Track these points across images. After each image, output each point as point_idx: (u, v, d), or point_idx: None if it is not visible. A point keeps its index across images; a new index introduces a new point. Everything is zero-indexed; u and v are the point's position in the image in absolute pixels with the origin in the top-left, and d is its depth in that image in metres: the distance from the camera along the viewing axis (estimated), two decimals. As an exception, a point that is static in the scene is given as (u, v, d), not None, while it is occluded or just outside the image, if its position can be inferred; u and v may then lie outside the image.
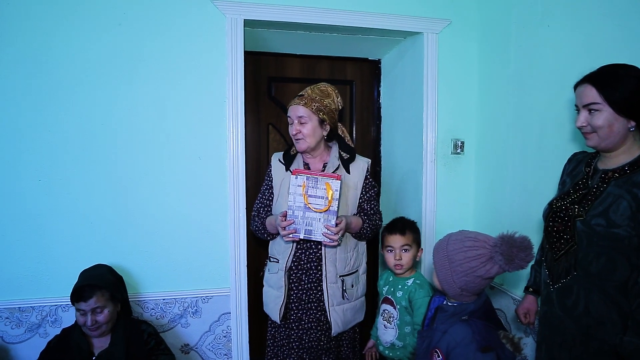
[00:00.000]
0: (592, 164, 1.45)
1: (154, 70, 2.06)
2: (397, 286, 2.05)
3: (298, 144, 1.92)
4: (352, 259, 1.97)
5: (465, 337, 1.29)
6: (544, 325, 1.52)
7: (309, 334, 1.93)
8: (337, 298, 1.91)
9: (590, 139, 1.37)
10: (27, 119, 1.95)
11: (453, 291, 1.37)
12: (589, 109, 1.34)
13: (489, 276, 1.32)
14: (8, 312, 1.98)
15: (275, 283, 1.95)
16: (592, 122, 1.33)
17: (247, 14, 2.13)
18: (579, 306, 1.36)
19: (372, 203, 2.01)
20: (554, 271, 1.45)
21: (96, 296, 1.74)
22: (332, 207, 1.78)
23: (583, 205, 1.37)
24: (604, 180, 1.36)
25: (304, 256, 1.92)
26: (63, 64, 1.97)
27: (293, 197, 1.82)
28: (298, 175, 1.82)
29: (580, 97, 1.36)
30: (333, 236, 1.79)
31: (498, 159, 2.25)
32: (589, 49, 1.70)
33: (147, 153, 2.08)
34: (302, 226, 1.82)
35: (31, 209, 1.98)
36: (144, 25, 2.04)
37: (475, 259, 1.31)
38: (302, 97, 1.91)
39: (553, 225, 1.46)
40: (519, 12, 2.08)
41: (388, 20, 2.29)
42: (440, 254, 1.39)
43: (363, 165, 2.00)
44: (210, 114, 2.13)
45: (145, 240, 2.11)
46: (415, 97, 2.45)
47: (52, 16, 1.94)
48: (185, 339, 2.19)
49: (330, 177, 1.81)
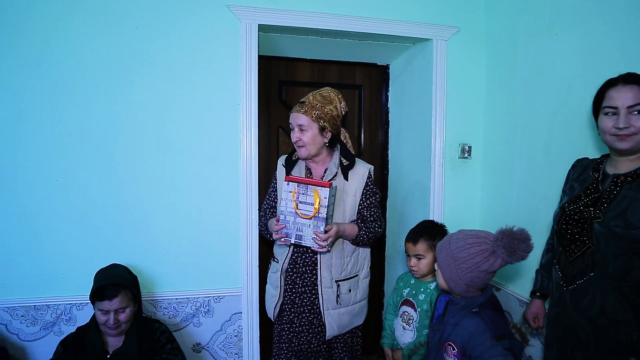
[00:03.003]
0: (599, 169, 1.49)
1: (168, 72, 2.10)
2: (420, 289, 2.06)
3: (299, 150, 1.95)
4: (350, 265, 1.98)
5: (479, 327, 1.33)
6: (555, 326, 1.54)
7: (300, 337, 1.96)
8: (333, 302, 1.93)
9: (627, 141, 1.34)
10: (40, 121, 1.98)
11: (459, 288, 1.41)
12: (633, 111, 1.31)
13: (493, 270, 1.37)
14: (24, 310, 2.01)
15: (274, 282, 2.01)
16: (635, 124, 1.31)
17: (262, 19, 2.17)
18: (595, 307, 1.38)
19: (372, 210, 1.99)
20: (568, 273, 1.47)
21: (121, 295, 1.77)
22: (320, 214, 1.80)
23: (598, 207, 1.40)
24: (617, 184, 1.39)
25: (299, 260, 1.96)
26: (82, 65, 2.01)
27: (285, 202, 1.86)
28: (290, 182, 1.85)
29: (624, 98, 1.32)
30: (321, 242, 1.81)
31: (505, 164, 2.30)
32: (596, 57, 1.75)
33: (162, 154, 2.11)
34: (293, 231, 1.85)
35: (45, 209, 2.01)
36: (160, 28, 2.08)
37: (478, 255, 1.36)
38: (303, 105, 1.90)
39: (567, 228, 1.48)
40: (527, 20, 2.13)
41: (398, 26, 2.33)
42: (444, 254, 1.43)
43: (364, 171, 1.98)
44: (224, 117, 2.17)
45: (159, 240, 2.14)
46: (423, 102, 2.49)
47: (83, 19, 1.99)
48: (197, 338, 2.22)
49: (320, 184, 1.81)
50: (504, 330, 1.37)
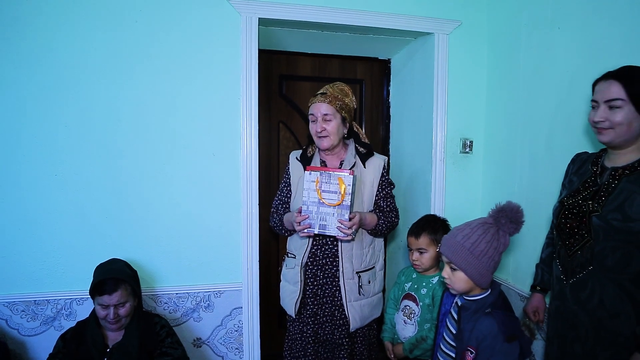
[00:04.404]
0: (598, 162, 1.49)
1: (168, 66, 2.08)
2: (422, 283, 2.05)
3: (321, 141, 1.94)
4: (368, 256, 2.00)
5: (492, 330, 1.33)
6: (556, 320, 1.54)
7: (324, 327, 1.96)
8: (354, 294, 1.94)
9: (605, 135, 1.38)
10: (41, 116, 1.98)
11: (487, 279, 1.40)
12: (609, 105, 1.34)
13: (505, 247, 1.40)
14: (24, 305, 2.01)
15: (292, 278, 1.98)
16: (611, 118, 1.34)
17: (262, 12, 2.15)
18: (594, 299, 1.38)
19: (389, 200, 2.03)
20: (568, 267, 1.47)
21: (120, 290, 1.76)
22: (345, 201, 1.81)
23: (597, 200, 1.40)
24: (614, 177, 1.39)
25: (319, 252, 1.95)
26: (75, 59, 2.00)
27: (307, 192, 1.85)
28: (312, 171, 1.86)
29: (603, 93, 1.37)
30: (347, 230, 1.82)
31: (507, 159, 2.28)
32: (598, 51, 1.73)
33: (162, 149, 2.11)
34: (316, 221, 1.84)
35: (45, 204, 2.01)
36: (159, 22, 2.07)
37: (493, 239, 1.38)
38: (326, 95, 1.92)
39: (566, 222, 1.48)
40: (529, 14, 2.12)
41: (399, 20, 2.32)
42: (462, 255, 1.39)
43: (379, 162, 2.02)
44: (224, 112, 2.16)
45: (159, 235, 2.13)
46: (424, 97, 2.48)
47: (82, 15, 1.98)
48: (198, 333, 2.21)
49: (343, 172, 1.84)
50: (516, 329, 1.37)
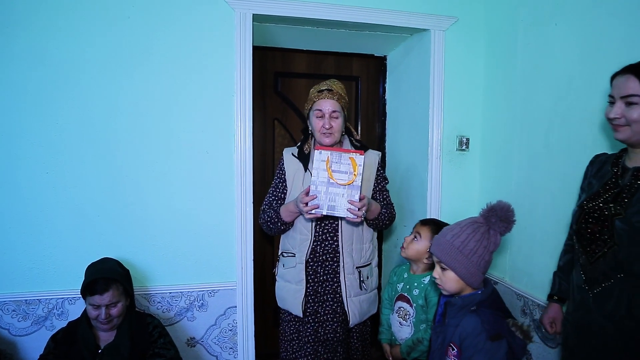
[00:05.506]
0: (619, 163, 1.41)
1: (161, 64, 2.05)
2: (413, 284, 2.02)
3: (325, 137, 1.91)
4: (368, 251, 2.00)
5: (475, 327, 1.31)
6: (579, 331, 1.45)
7: (325, 326, 1.94)
8: (355, 289, 1.93)
9: (621, 132, 1.32)
10: (36, 114, 1.95)
11: (477, 279, 1.39)
12: (627, 101, 1.28)
13: (497, 247, 1.39)
14: (15, 305, 1.98)
15: (294, 277, 1.95)
16: (627, 115, 1.28)
17: (256, 8, 2.12)
18: (621, 309, 1.30)
19: (385, 194, 2.04)
20: (590, 275, 1.39)
21: (112, 290, 1.74)
22: (357, 181, 1.78)
23: (619, 203, 1.32)
24: (637, 177, 1.32)
25: (319, 248, 1.93)
26: (67, 57, 1.97)
27: (317, 172, 1.80)
28: (322, 150, 1.82)
29: (619, 88, 1.30)
30: (357, 212, 1.78)
31: (503, 156, 2.27)
32: (597, 48, 1.71)
33: (154, 147, 2.08)
34: (325, 202, 1.79)
35: (37, 202, 1.98)
36: (152, 18, 2.03)
37: (483, 238, 1.37)
38: (333, 92, 1.90)
39: (586, 227, 1.40)
40: (527, 10, 2.09)
41: (395, 16, 2.29)
42: (451, 255, 1.38)
43: (375, 157, 2.02)
44: (218, 109, 2.13)
45: (152, 233, 2.11)
46: (421, 94, 2.46)
47: (64, 9, 1.94)
48: (191, 333, 2.19)
49: (354, 152, 1.81)
50: (501, 329, 1.33)
